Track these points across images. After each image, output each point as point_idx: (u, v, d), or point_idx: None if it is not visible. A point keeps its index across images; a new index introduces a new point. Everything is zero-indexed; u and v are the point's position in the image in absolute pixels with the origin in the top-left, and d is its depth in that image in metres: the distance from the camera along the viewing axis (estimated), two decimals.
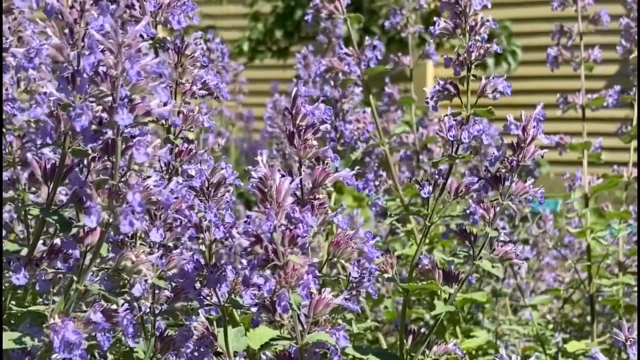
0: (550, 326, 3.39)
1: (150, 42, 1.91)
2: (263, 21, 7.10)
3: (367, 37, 2.57)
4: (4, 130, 1.80)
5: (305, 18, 2.54)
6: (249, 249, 1.55)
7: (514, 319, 3.51)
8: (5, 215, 2.05)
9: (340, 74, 2.58)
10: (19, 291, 1.83)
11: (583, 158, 2.88)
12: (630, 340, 1.65)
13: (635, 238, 3.18)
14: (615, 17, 3.01)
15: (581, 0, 2.85)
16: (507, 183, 1.89)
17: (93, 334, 1.45)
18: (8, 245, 1.60)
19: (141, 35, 1.89)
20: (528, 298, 3.38)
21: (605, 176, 2.87)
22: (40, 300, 1.78)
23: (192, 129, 1.99)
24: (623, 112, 3.00)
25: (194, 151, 1.97)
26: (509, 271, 3.40)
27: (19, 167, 1.74)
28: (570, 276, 3.65)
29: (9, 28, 1.89)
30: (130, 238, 1.71)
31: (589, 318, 3.12)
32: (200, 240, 1.71)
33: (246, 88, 5.00)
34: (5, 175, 1.75)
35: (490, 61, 6.68)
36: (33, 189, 1.71)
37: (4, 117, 1.82)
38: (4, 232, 1.80)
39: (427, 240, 2.88)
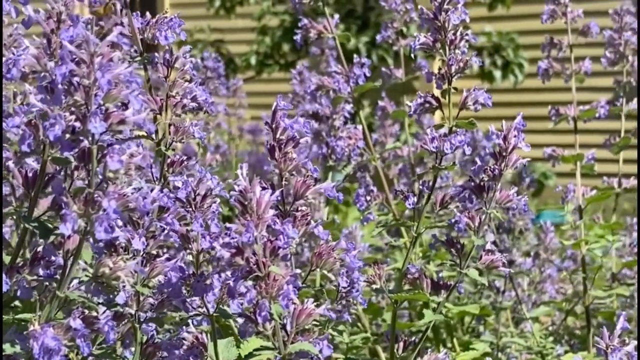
0: (551, 338, 3.38)
1: (139, 58, 1.94)
2: (271, 35, 7.12)
3: (356, 56, 2.58)
4: None
5: (295, 38, 2.56)
6: (231, 261, 1.57)
7: (515, 331, 3.50)
8: (5, 229, 2.06)
9: (331, 92, 2.59)
10: (17, 302, 1.85)
11: (576, 170, 2.88)
12: (611, 348, 1.65)
13: (635, 249, 3.18)
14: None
15: (570, 12, 2.86)
16: (490, 192, 1.90)
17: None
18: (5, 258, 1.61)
19: (135, 51, 1.93)
20: (530, 310, 3.37)
21: (597, 188, 2.86)
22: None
23: (182, 141, 2.02)
24: (630, 124, 2.98)
25: (185, 162, 2.00)
26: (509, 283, 3.39)
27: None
28: (573, 288, 3.64)
29: (4, 44, 1.92)
30: (124, 250, 1.73)
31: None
32: (188, 250, 1.73)
33: (253, 101, 5.03)
34: (6, 190, 1.77)
35: (497, 74, 6.67)
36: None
37: None
38: None
39: (420, 254, 2.90)
